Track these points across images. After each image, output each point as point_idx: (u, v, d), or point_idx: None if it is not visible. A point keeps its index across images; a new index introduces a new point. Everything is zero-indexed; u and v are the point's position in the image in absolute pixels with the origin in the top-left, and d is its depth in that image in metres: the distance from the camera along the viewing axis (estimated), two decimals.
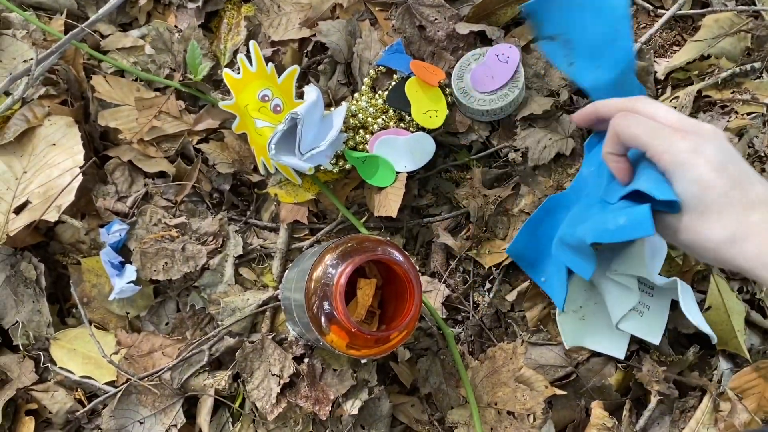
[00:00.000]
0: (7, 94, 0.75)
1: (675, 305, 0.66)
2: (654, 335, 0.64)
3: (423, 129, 0.74)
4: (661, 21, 0.78)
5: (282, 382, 0.68)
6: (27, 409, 0.70)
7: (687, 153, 0.50)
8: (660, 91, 0.76)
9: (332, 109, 0.75)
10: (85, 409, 0.69)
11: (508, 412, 0.66)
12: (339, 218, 0.76)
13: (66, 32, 0.78)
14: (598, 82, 0.64)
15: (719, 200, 0.49)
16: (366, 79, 0.76)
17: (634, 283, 0.63)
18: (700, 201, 0.50)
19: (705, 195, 0.50)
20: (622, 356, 0.68)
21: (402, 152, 0.73)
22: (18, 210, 0.72)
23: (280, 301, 0.73)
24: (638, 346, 0.69)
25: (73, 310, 0.76)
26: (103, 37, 0.81)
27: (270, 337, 0.70)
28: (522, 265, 0.71)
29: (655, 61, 0.76)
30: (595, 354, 0.69)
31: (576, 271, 0.62)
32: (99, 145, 0.78)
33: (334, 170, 0.75)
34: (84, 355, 0.72)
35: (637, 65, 0.73)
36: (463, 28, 0.76)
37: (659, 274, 0.63)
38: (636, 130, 0.53)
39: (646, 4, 0.80)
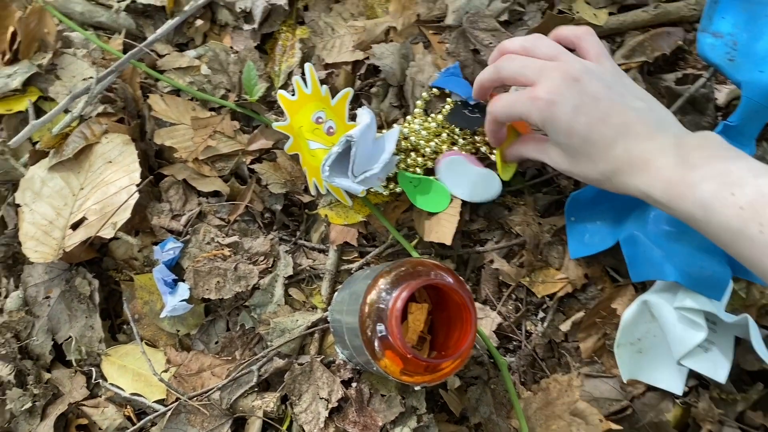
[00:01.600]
0: (66, 111, 0.77)
1: (736, 341, 0.64)
2: (720, 373, 0.62)
3: (490, 166, 0.74)
4: None
5: (330, 406, 0.68)
6: (78, 424, 0.71)
7: (545, 109, 0.55)
8: (720, 118, 0.74)
9: (384, 131, 0.75)
10: (135, 427, 0.70)
11: None
12: (389, 241, 0.75)
13: (124, 52, 0.80)
14: (755, 83, 0.65)
15: (584, 144, 0.55)
16: (419, 102, 0.76)
17: (702, 318, 0.61)
18: (570, 148, 0.56)
19: (571, 142, 0.55)
20: (680, 392, 0.65)
21: (466, 181, 0.72)
22: (75, 226, 0.73)
23: (329, 323, 0.72)
24: (697, 382, 0.67)
25: (125, 327, 0.76)
26: (160, 56, 0.83)
27: (319, 359, 0.70)
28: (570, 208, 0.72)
29: (715, 88, 0.74)
30: (651, 388, 0.67)
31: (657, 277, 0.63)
32: (154, 163, 0.79)
33: (385, 193, 0.74)
34: (134, 372, 0.72)
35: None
36: None
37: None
38: (502, 108, 0.62)
39: None
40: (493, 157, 0.73)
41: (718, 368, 0.62)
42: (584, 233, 0.70)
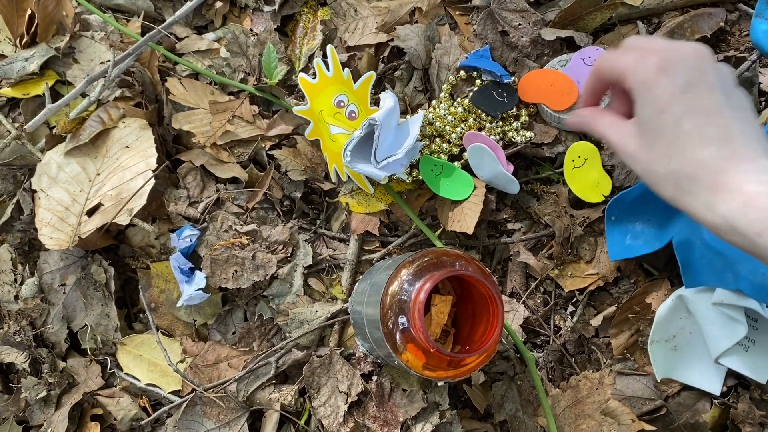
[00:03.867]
0: (83, 95, 0.75)
1: None
2: (761, 373, 0.59)
3: (510, 143, 0.71)
4: None
5: (350, 399, 0.65)
6: (92, 413, 0.70)
7: (653, 71, 0.45)
8: (764, 104, 0.70)
9: (408, 116, 0.72)
10: (150, 418, 0.68)
11: None
12: (411, 230, 0.73)
13: (143, 34, 0.78)
14: None
15: (671, 128, 0.44)
16: (445, 86, 0.73)
17: (742, 314, 0.57)
18: (653, 127, 0.45)
19: (658, 120, 0.44)
20: (717, 392, 0.62)
21: (488, 169, 0.69)
22: (90, 212, 0.71)
23: (348, 314, 0.70)
24: (737, 382, 0.63)
25: (141, 315, 0.75)
26: (178, 39, 0.81)
27: (338, 352, 0.68)
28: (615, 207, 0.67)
29: (760, 72, 0.70)
30: (687, 387, 0.64)
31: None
32: (172, 148, 0.77)
33: (408, 180, 0.72)
34: (150, 362, 0.71)
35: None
36: (550, 34, 0.72)
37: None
38: (609, 60, 0.48)
39: (749, 9, 0.74)
40: (519, 139, 0.70)
41: (759, 368, 0.59)
42: (626, 234, 0.66)
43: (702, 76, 0.44)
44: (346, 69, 0.72)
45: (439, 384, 0.65)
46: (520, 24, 0.73)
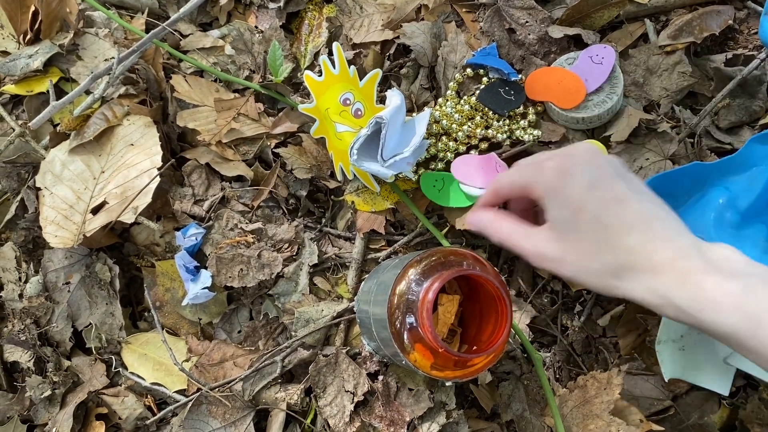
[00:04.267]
0: (87, 93, 0.75)
1: None
2: None
3: (517, 142, 0.70)
4: None
5: (356, 399, 0.65)
6: (97, 413, 0.69)
7: (556, 177, 0.47)
8: None
9: (414, 114, 0.72)
10: (155, 417, 0.68)
11: None
12: (417, 229, 0.72)
13: (147, 31, 0.78)
14: None
15: (592, 224, 0.45)
16: (452, 84, 0.73)
17: None
18: (572, 227, 0.46)
19: (576, 219, 0.46)
20: (726, 393, 0.62)
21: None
22: (95, 210, 0.71)
23: (355, 313, 0.70)
24: (746, 382, 0.63)
25: (146, 314, 0.75)
26: (183, 36, 0.80)
27: (344, 351, 0.67)
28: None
29: None
30: (696, 387, 0.64)
31: None
32: (176, 146, 0.77)
33: (414, 178, 0.71)
34: (155, 360, 0.70)
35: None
36: (557, 32, 0.71)
37: None
38: (507, 178, 0.51)
39: (758, 7, 0.73)
40: (526, 138, 0.70)
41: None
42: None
43: (600, 170, 0.47)
44: (352, 66, 0.72)
45: (446, 384, 0.64)
46: (527, 21, 0.72)
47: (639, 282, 0.44)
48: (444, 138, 0.72)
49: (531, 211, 0.56)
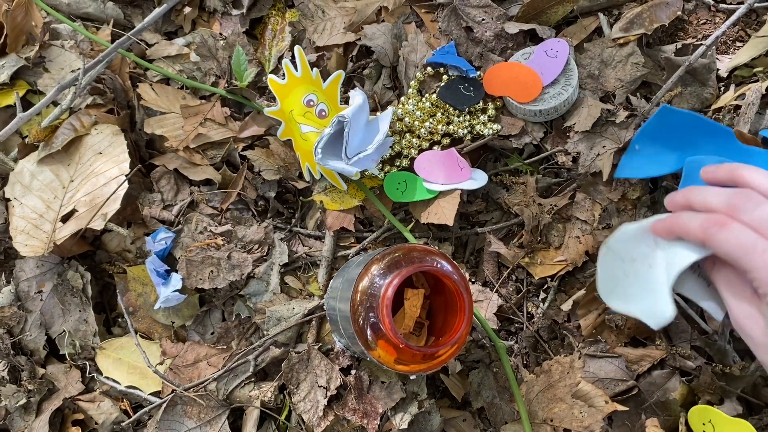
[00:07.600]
0: (55, 104, 0.76)
1: None
2: (717, 308, 0.53)
3: (478, 136, 0.72)
4: (731, 19, 0.72)
5: (329, 394, 0.66)
6: (74, 419, 0.70)
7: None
8: (723, 89, 0.72)
9: (378, 113, 0.73)
10: (131, 419, 0.68)
11: (565, 430, 0.63)
12: (385, 225, 0.74)
13: (113, 42, 0.79)
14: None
15: None
16: (413, 83, 0.75)
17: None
18: None
19: None
20: (658, 326, 0.52)
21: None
22: (65, 219, 0.72)
23: (325, 310, 0.71)
24: (704, 361, 0.65)
25: (119, 320, 0.75)
26: (148, 45, 0.81)
27: (316, 347, 0.69)
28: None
29: (717, 58, 0.72)
30: (656, 366, 0.65)
31: None
32: (145, 153, 0.78)
33: (380, 175, 0.73)
34: (130, 365, 0.71)
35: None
36: (513, 28, 0.73)
37: None
38: (727, 242, 0.45)
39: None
40: (486, 132, 0.71)
41: (718, 301, 0.53)
42: (643, 159, 0.66)
43: None
44: (315, 69, 0.73)
45: (412, 377, 0.66)
46: (483, 19, 0.74)
47: None
48: (407, 135, 0.73)
49: None
